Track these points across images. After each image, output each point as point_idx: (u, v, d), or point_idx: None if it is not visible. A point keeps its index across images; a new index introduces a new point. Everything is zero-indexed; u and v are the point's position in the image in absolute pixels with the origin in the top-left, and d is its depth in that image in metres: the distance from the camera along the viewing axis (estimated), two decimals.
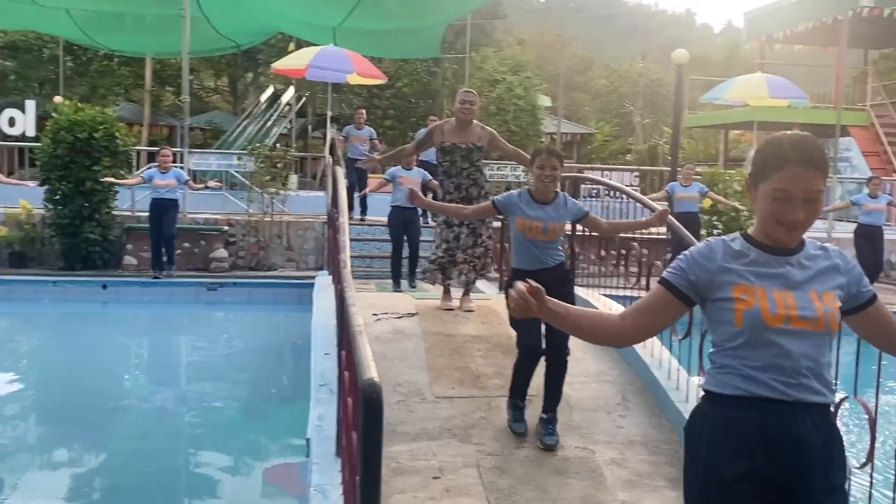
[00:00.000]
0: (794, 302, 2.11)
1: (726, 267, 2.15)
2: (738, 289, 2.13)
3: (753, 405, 2.11)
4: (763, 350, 2.11)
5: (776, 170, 2.09)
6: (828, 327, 2.13)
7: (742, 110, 21.18)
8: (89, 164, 11.66)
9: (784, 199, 2.08)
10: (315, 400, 4.93)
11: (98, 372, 8.66)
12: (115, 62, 29.86)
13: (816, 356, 2.13)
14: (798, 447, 2.09)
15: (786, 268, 2.15)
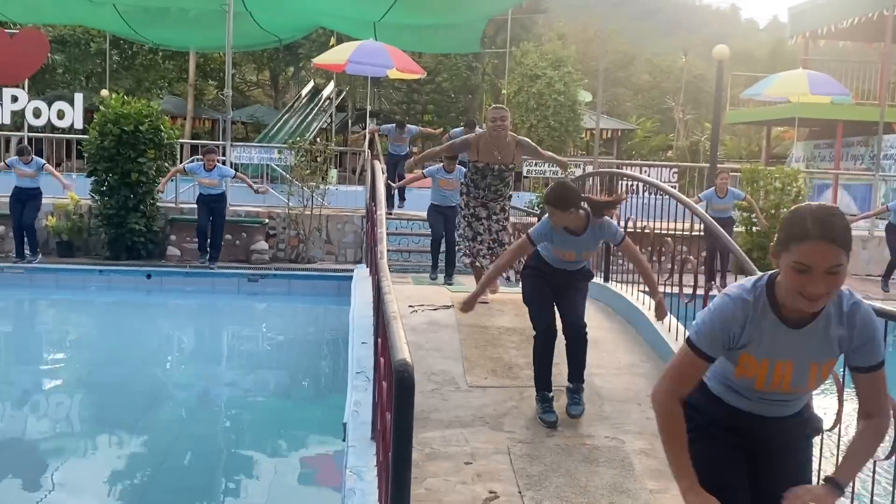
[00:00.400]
0: (790, 373, 2.30)
1: (742, 331, 2.28)
2: (745, 356, 2.31)
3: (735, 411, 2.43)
4: (752, 395, 2.39)
5: (798, 243, 2.11)
6: (817, 385, 2.37)
7: (784, 106, 20.95)
8: (135, 156, 11.95)
9: (805, 272, 2.11)
10: (352, 387, 5.06)
11: (142, 359, 8.90)
12: (160, 56, 30.35)
13: (796, 400, 2.41)
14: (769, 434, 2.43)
15: (796, 337, 2.26)
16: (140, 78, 30.33)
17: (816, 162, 23.62)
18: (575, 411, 4.74)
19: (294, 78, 37.32)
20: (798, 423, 2.46)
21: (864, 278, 13.43)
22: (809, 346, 2.26)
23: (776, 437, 2.45)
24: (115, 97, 12.62)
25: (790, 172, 13.38)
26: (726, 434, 2.45)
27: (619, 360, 5.71)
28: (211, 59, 32.49)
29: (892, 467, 3.45)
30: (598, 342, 6.06)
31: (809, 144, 24.44)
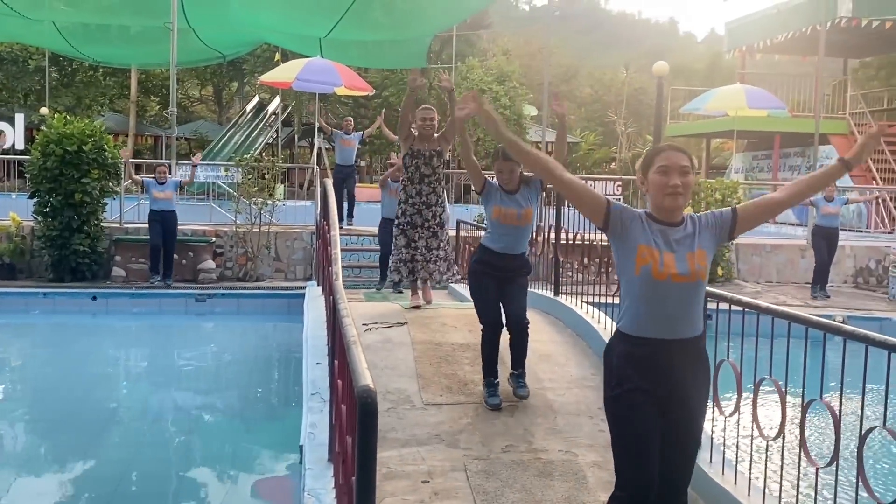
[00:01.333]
0: (673, 262, 2.93)
1: (639, 228, 2.99)
2: (642, 247, 2.96)
3: (644, 342, 2.97)
4: (652, 296, 2.95)
5: (658, 155, 3.00)
6: (699, 277, 2.96)
7: (723, 119, 21.48)
8: (79, 177, 11.76)
9: (665, 172, 2.95)
10: (308, 408, 5.07)
11: (88, 383, 8.75)
12: (100, 73, 29.96)
13: (689, 301, 2.97)
14: (673, 370, 2.95)
15: (670, 236, 2.97)
16: (80, 95, 29.87)
17: (755, 172, 24.25)
18: (522, 392, 5.29)
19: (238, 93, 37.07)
20: (698, 355, 3.02)
21: (803, 286, 13.83)
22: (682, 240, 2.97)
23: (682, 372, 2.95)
24: (58, 117, 12.41)
25: (730, 184, 13.74)
26: (637, 392, 2.96)
27: (570, 373, 5.82)
28: (153, 75, 32.15)
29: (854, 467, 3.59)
30: (549, 356, 6.17)
31: (748, 156, 25.08)
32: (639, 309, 2.98)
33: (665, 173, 2.94)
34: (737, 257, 14.27)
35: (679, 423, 3.01)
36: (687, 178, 2.95)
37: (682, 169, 2.95)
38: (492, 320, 5.29)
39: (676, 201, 2.95)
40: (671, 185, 2.93)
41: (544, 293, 7.48)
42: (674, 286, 2.93)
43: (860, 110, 22.92)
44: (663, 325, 2.96)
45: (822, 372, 3.67)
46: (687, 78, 39.35)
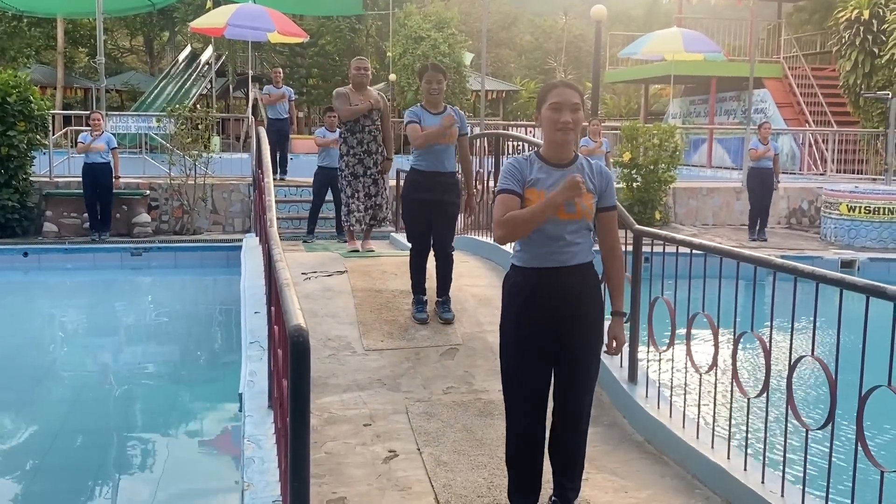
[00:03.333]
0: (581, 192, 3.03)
1: (527, 175, 3.12)
2: (529, 191, 3.10)
3: (535, 273, 3.11)
4: (541, 233, 3.07)
5: (550, 92, 3.13)
6: (584, 216, 3.11)
7: (660, 64, 21.59)
8: (4, 130, 11.36)
9: (557, 109, 3.08)
10: (247, 357, 5.02)
11: (22, 341, 8.56)
12: (25, 23, 28.73)
13: (575, 234, 3.10)
14: (563, 297, 3.10)
15: (560, 176, 3.08)
16: (4, 47, 28.64)
17: (692, 118, 24.53)
18: (448, 315, 5.68)
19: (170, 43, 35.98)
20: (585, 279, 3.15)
21: (739, 228, 14.12)
22: None
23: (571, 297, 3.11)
24: None
25: (667, 129, 13.85)
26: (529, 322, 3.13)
27: None
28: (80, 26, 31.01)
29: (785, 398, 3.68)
30: (489, 299, 6.19)
31: (685, 101, 25.33)
32: (528, 242, 3.13)
33: (557, 109, 3.08)
34: (674, 201, 14.47)
35: (572, 350, 3.16)
36: (577, 115, 3.10)
37: (573, 106, 3.08)
38: (419, 244, 5.76)
39: (567, 136, 3.10)
40: (562, 121, 3.07)
41: (484, 239, 7.49)
42: (560, 222, 3.07)
43: (794, 54, 23.23)
44: (550, 257, 3.10)
45: (752, 305, 3.74)
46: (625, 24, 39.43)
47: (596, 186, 3.18)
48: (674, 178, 13.62)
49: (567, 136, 3.11)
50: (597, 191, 3.18)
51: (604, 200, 3.21)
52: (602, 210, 3.21)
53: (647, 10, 44.17)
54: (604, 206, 3.21)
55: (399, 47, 26.94)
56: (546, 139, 3.19)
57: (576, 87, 3.21)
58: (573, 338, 3.15)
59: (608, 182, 3.24)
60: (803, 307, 3.35)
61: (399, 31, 27.18)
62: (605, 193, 3.21)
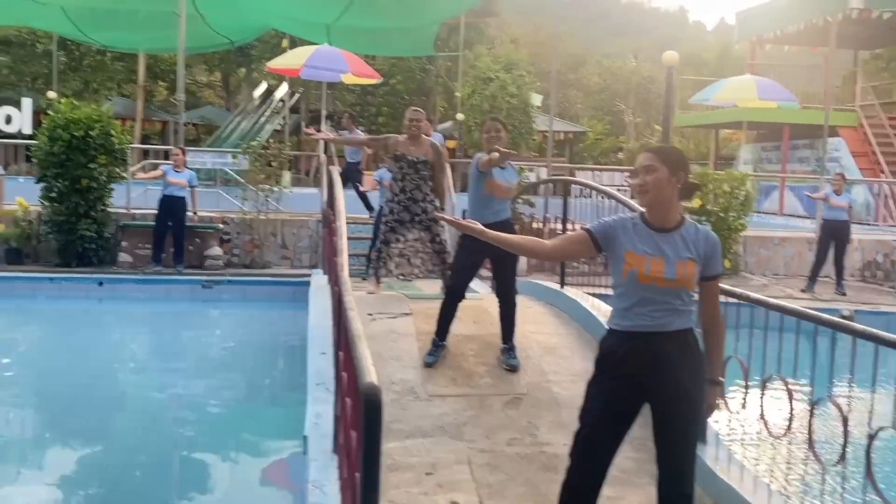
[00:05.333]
0: (661, 267, 3.05)
1: (627, 235, 3.12)
2: (629, 254, 3.09)
3: (630, 336, 3.11)
4: (635, 297, 3.08)
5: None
6: (684, 285, 3.08)
7: (732, 110, 21.37)
8: (86, 162, 11.76)
9: (636, 174, 3.15)
10: (312, 398, 5.07)
11: (96, 369, 8.76)
12: (108, 57, 29.89)
13: (674, 300, 3.07)
14: (659, 361, 3.06)
15: (662, 240, 3.10)
16: (88, 79, 29.84)
17: (763, 164, 24.14)
18: (514, 362, 5.63)
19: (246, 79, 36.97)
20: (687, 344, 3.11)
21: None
22: (672, 246, 3.08)
23: (668, 363, 3.06)
24: (65, 102, 12.40)
25: (738, 176, 13.65)
26: (617, 374, 3.13)
27: (575, 366, 5.80)
28: (161, 60, 32.10)
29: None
30: (554, 348, 6.16)
31: (757, 147, 24.97)
32: (625, 307, 3.14)
33: (635, 174, 3.18)
34: (744, 249, 14.21)
35: (668, 411, 3.13)
36: (652, 176, 3.10)
37: (647, 168, 3.11)
38: (456, 289, 5.72)
39: (643, 198, 3.15)
40: (637, 184, 3.15)
41: (550, 285, 7.46)
42: (658, 289, 3.07)
43: (870, 102, 22.78)
44: (648, 321, 3.09)
45: (830, 370, 3.65)
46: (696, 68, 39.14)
47: (700, 253, 3.13)
48: (745, 227, 13.40)
49: (642, 199, 3.15)
50: (701, 258, 3.13)
51: (708, 269, 3.17)
52: (706, 279, 3.18)
53: (719, 54, 43.83)
54: (708, 275, 3.18)
55: (468, 87, 27.20)
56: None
57: (658, 149, 3.23)
58: (669, 403, 3.12)
59: (714, 249, 3.17)
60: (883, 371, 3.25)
61: (468, 72, 27.45)
62: (710, 261, 3.16)
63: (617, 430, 3.19)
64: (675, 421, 3.14)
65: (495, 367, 5.67)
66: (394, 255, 7.46)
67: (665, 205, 3.13)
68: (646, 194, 3.12)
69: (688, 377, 3.12)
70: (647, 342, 3.09)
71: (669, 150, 3.25)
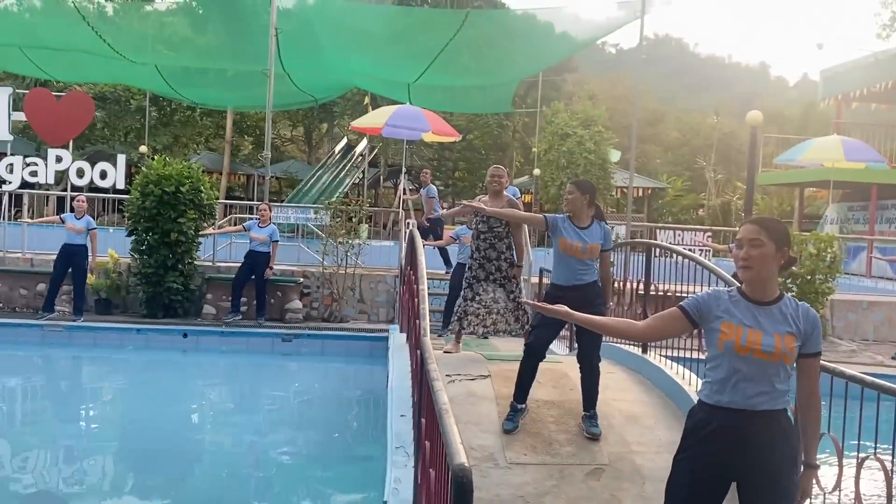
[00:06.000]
0: (759, 339, 2.99)
1: (723, 307, 3.08)
2: (725, 324, 3.05)
3: (721, 411, 3.02)
4: (732, 369, 3.01)
5: (739, 230, 3.13)
6: (782, 359, 2.99)
7: (818, 169, 20.91)
8: (175, 217, 12.17)
9: (739, 246, 3.07)
10: (392, 462, 5.07)
11: (176, 419, 8.95)
12: (198, 113, 31.03)
13: (771, 377, 2.99)
14: (748, 441, 2.98)
15: (760, 313, 3.04)
16: (178, 134, 31.00)
17: (850, 224, 23.46)
18: (595, 430, 5.47)
19: (328, 134, 37.91)
20: (777, 428, 3.00)
21: None
22: (770, 319, 3.02)
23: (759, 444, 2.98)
24: (158, 159, 12.90)
25: (825, 238, 13.29)
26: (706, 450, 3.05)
27: (659, 437, 5.66)
28: (247, 116, 33.18)
29: None
30: (637, 417, 6.03)
31: (843, 206, 24.32)
32: (719, 379, 3.06)
33: (738, 246, 3.09)
34: (832, 314, 13.78)
35: (757, 496, 3.03)
36: (758, 251, 3.04)
37: (752, 242, 3.05)
38: (533, 348, 5.50)
39: (745, 274, 3.07)
40: (741, 257, 3.07)
41: (632, 350, 7.34)
42: (755, 361, 2.98)
43: None
44: (741, 397, 3.01)
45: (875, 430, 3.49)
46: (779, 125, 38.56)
47: (801, 329, 3.04)
48: (832, 290, 13.00)
49: (745, 274, 3.07)
50: (801, 335, 3.04)
51: (808, 346, 3.07)
52: (805, 356, 3.08)
53: (804, 111, 43.14)
54: (807, 353, 3.08)
55: (545, 143, 27.33)
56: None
57: (764, 221, 3.12)
58: (758, 487, 3.01)
59: (815, 326, 3.08)
60: None
61: (546, 128, 27.60)
62: (810, 338, 3.06)
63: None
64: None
65: (576, 435, 5.58)
66: (470, 312, 7.48)
67: (767, 280, 3.07)
68: (749, 269, 3.05)
69: (779, 461, 3.02)
70: (738, 420, 3.00)
71: (776, 223, 3.14)
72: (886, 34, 31.31)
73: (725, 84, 78.16)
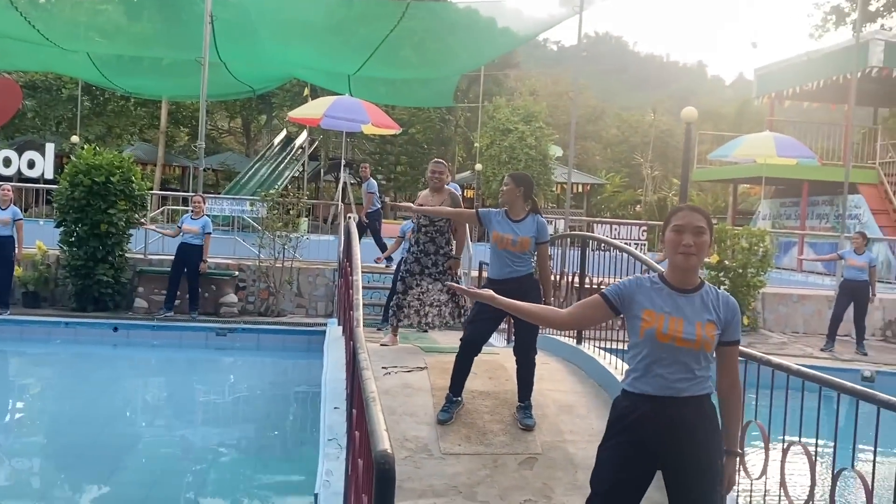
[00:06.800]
0: (680, 327, 2.99)
1: (644, 294, 3.07)
2: (647, 312, 3.04)
3: (645, 399, 3.02)
4: (651, 358, 3.02)
5: (675, 215, 3.10)
6: (703, 347, 3.00)
7: (751, 165, 21.35)
8: (105, 208, 11.84)
9: (679, 231, 3.04)
10: (324, 454, 4.99)
11: (108, 415, 8.72)
12: (132, 103, 30.38)
13: (691, 364, 3.00)
14: (673, 428, 2.98)
15: (682, 301, 3.04)
16: (111, 124, 30.30)
17: (782, 220, 24.03)
18: (529, 422, 5.46)
19: (266, 126, 37.43)
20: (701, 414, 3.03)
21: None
22: (692, 307, 3.02)
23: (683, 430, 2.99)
24: (88, 148, 12.54)
25: (756, 233, 13.56)
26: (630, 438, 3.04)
27: (591, 425, 5.69)
28: (183, 107, 32.59)
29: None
30: (570, 407, 6.05)
31: (776, 202, 24.89)
32: (640, 367, 3.06)
33: (679, 232, 3.05)
34: (763, 306, 14.07)
35: (684, 482, 3.05)
36: (701, 239, 3.04)
37: (697, 229, 3.04)
38: (470, 338, 5.47)
39: (688, 261, 3.05)
40: (684, 244, 3.03)
41: (566, 341, 7.37)
42: (676, 349, 2.99)
43: (890, 160, 22.70)
44: (663, 384, 3.01)
45: (854, 438, 3.55)
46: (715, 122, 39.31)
47: (721, 317, 3.06)
48: (763, 283, 13.28)
49: (689, 261, 3.05)
50: (722, 323, 3.06)
51: (728, 334, 3.08)
52: (725, 344, 3.09)
53: (738, 109, 44.02)
54: (727, 340, 3.09)
55: (487, 138, 27.40)
56: (669, 262, 3.16)
57: (703, 211, 3.14)
58: (684, 473, 3.03)
59: (734, 314, 3.10)
60: None
61: (487, 123, 27.67)
62: (730, 326, 3.08)
63: (631, 498, 3.10)
64: (693, 492, 3.04)
65: (510, 426, 5.57)
66: (404, 305, 7.49)
67: (698, 268, 3.11)
68: (693, 256, 3.04)
69: (704, 446, 3.04)
70: (661, 406, 3.01)
71: (707, 213, 3.17)
72: (819, 34, 32.14)
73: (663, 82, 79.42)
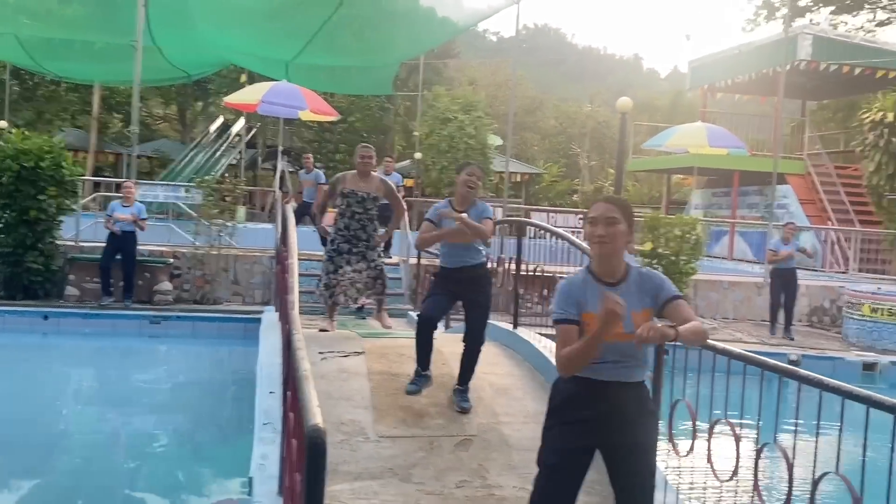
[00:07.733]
0: (621, 326, 2.95)
1: (581, 293, 3.11)
2: (586, 315, 3.06)
3: (584, 383, 3.09)
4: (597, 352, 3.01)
5: (590, 208, 3.19)
6: None
7: (684, 156, 21.78)
8: (34, 194, 11.55)
9: (593, 223, 3.13)
10: (258, 438, 4.98)
11: (37, 404, 8.54)
12: (63, 88, 29.60)
13: (634, 351, 3.08)
14: (612, 411, 3.08)
15: (615, 294, 2.98)
16: (41, 110, 29.47)
17: (714, 209, 24.58)
18: (465, 405, 5.52)
19: (203, 113, 36.82)
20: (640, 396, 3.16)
21: (759, 323, 13.99)
22: (626, 299, 2.98)
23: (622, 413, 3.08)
24: (16, 132, 12.20)
25: (689, 221, 13.86)
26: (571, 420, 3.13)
27: (526, 407, 5.78)
28: (116, 92, 31.85)
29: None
30: (506, 389, 6.14)
31: (707, 192, 25.44)
32: None
33: (593, 224, 3.13)
34: (694, 293, 14.40)
35: (622, 463, 3.15)
36: (613, 228, 3.10)
37: (608, 220, 3.10)
38: (427, 314, 5.54)
39: (601, 249, 3.12)
40: (596, 234, 3.11)
41: (503, 325, 7.46)
42: (622, 343, 3.05)
43: (817, 151, 23.40)
44: (608, 370, 3.09)
45: (776, 415, 3.69)
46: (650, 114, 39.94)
47: (652, 295, 3.13)
48: (695, 271, 13.58)
49: (601, 249, 3.12)
50: (654, 299, 3.12)
51: (663, 295, 3.13)
52: (667, 302, 3.12)
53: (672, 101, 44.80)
54: (667, 298, 3.12)
55: (426, 127, 27.40)
56: (591, 254, 3.24)
57: (617, 201, 3.21)
58: (622, 451, 3.13)
59: (660, 281, 3.17)
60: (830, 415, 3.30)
61: (427, 112, 27.67)
62: (662, 290, 3.14)
63: (577, 476, 3.19)
64: (633, 472, 3.15)
65: (447, 408, 5.63)
66: (333, 284, 7.53)
67: (618, 256, 3.16)
68: (605, 245, 3.11)
69: (640, 424, 3.16)
70: (605, 390, 3.10)
71: (625, 202, 3.24)
72: (751, 28, 32.90)
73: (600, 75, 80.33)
